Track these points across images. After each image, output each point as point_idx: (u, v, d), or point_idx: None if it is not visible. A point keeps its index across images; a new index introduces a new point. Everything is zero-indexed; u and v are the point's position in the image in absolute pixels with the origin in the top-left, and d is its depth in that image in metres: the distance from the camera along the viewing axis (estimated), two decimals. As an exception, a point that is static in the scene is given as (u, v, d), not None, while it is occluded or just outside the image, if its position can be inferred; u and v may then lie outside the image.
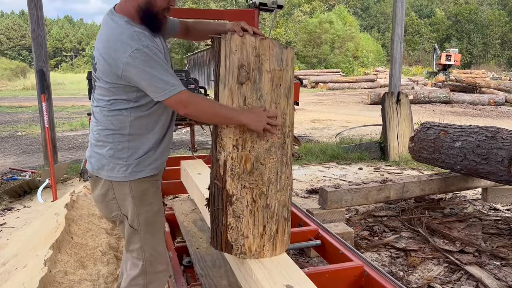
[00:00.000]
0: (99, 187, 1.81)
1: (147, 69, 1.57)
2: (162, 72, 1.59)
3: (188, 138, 4.97)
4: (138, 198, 1.79)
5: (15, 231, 3.75)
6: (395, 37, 6.58)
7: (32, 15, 5.08)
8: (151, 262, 1.86)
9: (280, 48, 1.64)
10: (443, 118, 11.08)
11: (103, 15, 1.76)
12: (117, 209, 1.81)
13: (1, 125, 10.92)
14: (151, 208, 1.84)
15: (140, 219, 1.81)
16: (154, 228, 1.87)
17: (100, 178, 1.79)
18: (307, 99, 18.31)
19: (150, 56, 1.58)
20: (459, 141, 3.89)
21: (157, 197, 1.88)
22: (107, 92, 1.69)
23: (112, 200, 1.80)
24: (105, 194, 1.80)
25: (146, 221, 1.82)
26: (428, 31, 50.87)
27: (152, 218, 1.85)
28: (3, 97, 20.00)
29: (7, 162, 6.66)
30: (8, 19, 67.67)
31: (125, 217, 1.82)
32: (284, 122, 1.71)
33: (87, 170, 1.88)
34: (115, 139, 1.74)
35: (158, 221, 1.90)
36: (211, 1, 35.21)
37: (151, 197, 1.84)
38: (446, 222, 3.80)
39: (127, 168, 1.75)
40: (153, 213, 1.85)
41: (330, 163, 6.48)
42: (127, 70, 1.58)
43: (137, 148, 1.76)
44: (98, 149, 1.78)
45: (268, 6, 3.79)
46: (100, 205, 1.87)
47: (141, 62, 1.57)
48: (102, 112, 1.73)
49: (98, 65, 1.68)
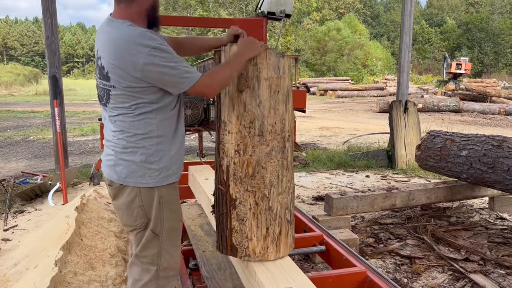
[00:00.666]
0: (125, 195, 1.81)
1: (168, 64, 1.63)
2: (181, 63, 1.65)
3: (196, 144, 5.04)
4: (166, 204, 1.81)
5: (27, 233, 3.83)
6: (403, 45, 6.62)
7: (46, 23, 5.22)
8: (165, 268, 1.87)
9: (277, 56, 1.72)
10: (452, 127, 11.04)
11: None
12: (143, 217, 1.81)
13: (14, 129, 11.12)
14: (176, 216, 1.88)
15: (165, 225, 1.83)
16: (175, 235, 1.91)
17: (126, 186, 1.79)
18: (316, 107, 18.34)
19: (166, 51, 1.64)
20: (465, 149, 3.91)
21: (179, 204, 1.94)
22: (127, 98, 1.70)
23: (139, 208, 1.80)
24: (131, 202, 1.80)
25: (170, 228, 1.85)
26: (438, 39, 50.73)
27: (175, 225, 1.89)
28: (16, 102, 20.33)
29: (20, 166, 6.78)
30: (22, 25, 68.85)
31: (149, 222, 1.82)
32: (284, 127, 1.77)
33: (97, 174, 1.93)
34: (146, 143, 1.76)
35: (179, 228, 1.95)
36: (221, 8, 35.52)
37: (176, 204, 1.89)
38: (452, 231, 3.80)
39: (160, 173, 1.78)
40: (177, 220, 1.90)
41: (337, 170, 6.51)
42: (148, 70, 1.62)
43: (167, 150, 1.80)
44: (127, 156, 1.77)
45: (276, 15, 3.85)
46: (124, 213, 1.86)
47: (161, 59, 1.62)
48: (127, 119, 1.74)
49: (111, 74, 1.69)
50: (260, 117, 1.71)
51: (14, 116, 14.19)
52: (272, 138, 1.74)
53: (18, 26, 67.89)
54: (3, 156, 7.70)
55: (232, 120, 1.74)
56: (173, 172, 1.84)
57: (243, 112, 1.72)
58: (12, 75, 31.88)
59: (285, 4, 3.76)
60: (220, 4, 36.27)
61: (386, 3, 62.87)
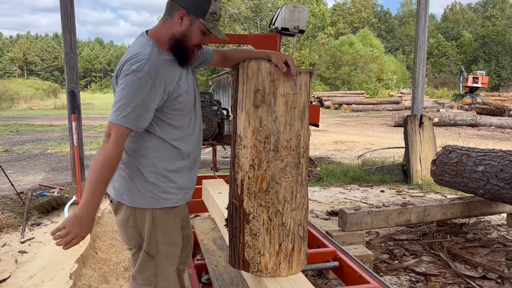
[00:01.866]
0: (121, 213, 1.82)
1: (126, 88, 1.60)
2: (132, 101, 1.59)
3: (210, 158, 5.07)
4: (159, 227, 1.80)
5: (43, 246, 3.88)
6: (418, 60, 6.61)
7: (66, 39, 5.35)
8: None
9: None
10: (469, 141, 10.90)
11: (132, 37, 1.87)
12: (137, 237, 1.81)
13: (32, 142, 11.34)
14: (170, 240, 1.85)
15: (159, 248, 1.81)
16: (171, 259, 1.88)
17: (122, 203, 1.81)
18: (330, 121, 18.31)
19: (139, 79, 1.60)
20: (481, 165, 3.86)
21: (176, 228, 1.89)
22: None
23: (133, 227, 1.81)
24: (126, 220, 1.81)
25: (165, 251, 1.83)
26: (455, 53, 50.38)
27: (171, 249, 1.86)
28: (35, 116, 20.76)
29: (37, 179, 6.91)
30: (42, 41, 70.60)
31: (143, 242, 1.81)
32: (299, 143, 1.78)
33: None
34: (142, 163, 1.77)
35: (175, 252, 1.91)
36: (236, 24, 35.95)
37: (171, 227, 1.86)
38: (469, 247, 3.74)
39: (153, 195, 1.78)
40: (173, 244, 1.87)
41: (352, 185, 6.46)
42: (119, 83, 1.63)
43: (163, 173, 1.78)
44: (124, 173, 1.78)
45: (290, 31, 3.90)
46: (121, 230, 1.87)
47: (129, 81, 1.60)
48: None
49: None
50: (276, 133, 1.73)
51: (33, 130, 14.48)
52: (287, 153, 1.75)
53: (39, 41, 69.64)
54: (22, 169, 7.85)
55: (247, 135, 1.76)
56: (169, 197, 1.82)
57: (259, 127, 1.74)
58: (31, 90, 32.62)
59: (299, 20, 3.81)
60: (235, 19, 36.73)
61: (401, 17, 62.86)
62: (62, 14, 5.28)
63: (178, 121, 1.80)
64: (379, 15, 58.82)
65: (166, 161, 1.80)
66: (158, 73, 1.65)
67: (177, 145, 1.80)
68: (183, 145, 1.83)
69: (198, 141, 1.93)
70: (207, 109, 3.69)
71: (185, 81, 1.81)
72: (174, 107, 1.76)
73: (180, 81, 1.77)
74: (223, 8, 34.49)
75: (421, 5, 6.56)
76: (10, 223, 4.45)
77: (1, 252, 3.75)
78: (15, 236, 4.16)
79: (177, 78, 1.76)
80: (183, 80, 1.79)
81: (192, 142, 1.88)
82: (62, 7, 5.27)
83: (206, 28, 1.73)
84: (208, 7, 1.71)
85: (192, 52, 1.79)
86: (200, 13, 1.71)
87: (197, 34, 1.74)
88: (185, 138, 1.84)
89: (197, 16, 1.71)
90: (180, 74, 1.78)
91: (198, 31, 1.73)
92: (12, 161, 8.70)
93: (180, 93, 1.76)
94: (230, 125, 3.76)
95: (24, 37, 71.28)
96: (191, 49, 1.77)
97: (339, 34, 44.05)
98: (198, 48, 1.81)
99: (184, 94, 1.79)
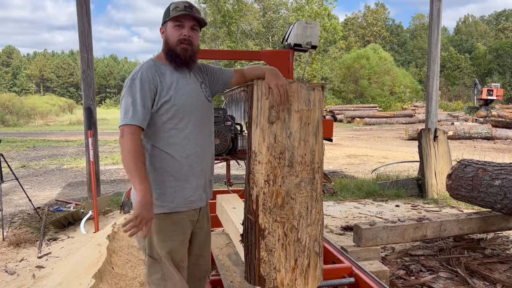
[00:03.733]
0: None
1: (126, 96, 1.83)
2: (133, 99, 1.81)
3: (224, 172, 5.10)
4: (156, 233, 1.90)
5: (59, 261, 3.93)
6: (431, 74, 6.60)
7: (82, 57, 5.48)
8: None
9: (307, 90, 1.76)
10: (484, 155, 10.75)
11: (145, 54, 2.07)
12: (142, 241, 1.96)
13: (49, 158, 11.52)
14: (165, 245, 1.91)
15: (161, 252, 1.91)
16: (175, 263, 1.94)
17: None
18: (343, 134, 18.25)
19: (134, 83, 1.83)
20: (498, 179, 3.81)
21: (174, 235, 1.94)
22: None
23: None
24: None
25: (166, 256, 1.91)
26: (468, 65, 50.03)
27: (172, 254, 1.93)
28: (51, 131, 21.11)
29: (53, 194, 7.00)
30: (58, 58, 72.08)
31: (146, 246, 1.94)
32: (313, 158, 1.80)
33: (128, 203, 2.03)
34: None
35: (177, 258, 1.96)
36: (248, 40, 36.31)
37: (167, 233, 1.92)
38: (487, 263, 3.67)
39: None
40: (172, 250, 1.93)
41: (366, 199, 6.41)
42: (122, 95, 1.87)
43: (158, 182, 1.89)
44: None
45: (302, 46, 3.94)
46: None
47: (127, 89, 1.85)
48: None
49: None
50: (290, 148, 1.75)
51: (49, 145, 14.72)
52: (301, 169, 1.76)
53: (55, 59, 71.09)
54: (39, 184, 7.97)
55: (262, 151, 1.78)
56: (162, 204, 1.90)
57: (274, 143, 1.76)
58: (48, 106, 33.24)
59: (311, 36, 3.85)
60: (247, 35, 37.10)
61: (412, 31, 62.79)
62: (80, 33, 5.42)
63: (170, 125, 1.89)
64: (390, 28, 58.84)
65: (158, 167, 1.90)
66: (150, 76, 1.85)
67: (168, 151, 1.89)
68: (175, 152, 1.90)
69: (198, 149, 1.96)
70: (221, 124, 3.73)
71: (183, 87, 1.92)
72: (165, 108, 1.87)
73: (175, 86, 1.90)
74: (235, 24, 35.01)
75: (433, 19, 6.57)
76: (28, 238, 4.51)
77: (19, 267, 3.81)
78: (33, 251, 4.21)
79: (171, 83, 1.90)
80: (179, 86, 1.91)
81: (188, 149, 1.93)
82: (80, 26, 5.41)
83: (174, 20, 1.91)
84: (168, 8, 1.95)
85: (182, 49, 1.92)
86: (166, 17, 1.95)
87: (172, 31, 1.93)
88: (178, 144, 1.91)
89: (167, 21, 1.94)
90: (176, 80, 1.91)
91: (172, 29, 1.93)
92: (29, 176, 8.84)
93: (172, 96, 1.88)
94: (243, 140, 3.79)
95: (41, 55, 72.88)
96: (177, 49, 1.92)
97: (350, 48, 44.13)
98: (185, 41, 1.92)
99: (178, 99, 1.89)
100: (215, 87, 2.16)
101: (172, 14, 1.91)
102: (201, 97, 2.01)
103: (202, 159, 1.99)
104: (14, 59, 71.29)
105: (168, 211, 1.92)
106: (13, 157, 11.59)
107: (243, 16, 36.08)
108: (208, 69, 2.15)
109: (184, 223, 1.98)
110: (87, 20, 5.43)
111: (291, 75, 4.06)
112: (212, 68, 2.16)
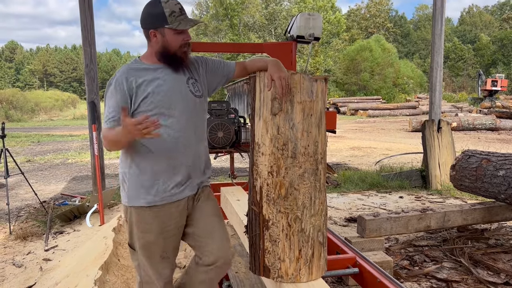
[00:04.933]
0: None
1: (105, 101, 1.91)
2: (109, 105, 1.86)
3: (228, 165, 5.11)
4: (135, 224, 1.94)
5: (66, 253, 3.97)
6: (434, 65, 6.57)
7: (86, 52, 5.49)
8: (147, 282, 2.02)
9: (310, 81, 1.77)
10: (488, 145, 10.73)
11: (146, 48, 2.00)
12: (127, 230, 2.04)
13: (53, 153, 11.58)
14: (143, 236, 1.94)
15: (138, 243, 1.96)
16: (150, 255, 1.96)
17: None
18: (347, 126, 18.22)
19: (110, 89, 1.88)
20: (502, 169, 3.81)
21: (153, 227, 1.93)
22: None
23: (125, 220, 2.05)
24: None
25: (143, 246, 1.95)
26: (472, 56, 49.70)
27: (148, 246, 1.95)
28: (55, 126, 21.20)
29: (59, 188, 7.05)
30: (61, 53, 72.05)
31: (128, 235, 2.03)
32: (316, 149, 1.81)
33: None
34: (124, 164, 1.97)
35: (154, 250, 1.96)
36: (250, 32, 36.18)
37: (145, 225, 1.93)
38: (491, 253, 3.68)
39: (127, 194, 1.95)
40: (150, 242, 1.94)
41: (370, 191, 6.42)
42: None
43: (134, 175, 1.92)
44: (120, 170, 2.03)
45: (305, 38, 3.92)
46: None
47: (105, 95, 1.91)
48: None
49: None
50: (293, 140, 1.76)
51: (53, 140, 14.79)
52: (305, 160, 1.77)
53: (58, 54, 71.07)
54: (44, 178, 8.03)
55: (266, 142, 1.79)
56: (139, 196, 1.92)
57: (277, 134, 1.77)
58: (51, 101, 33.34)
59: (314, 28, 3.83)
60: (250, 28, 36.98)
61: (416, 22, 62.34)
62: (82, 27, 5.43)
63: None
64: (394, 19, 58.42)
65: (137, 161, 1.92)
66: (124, 80, 1.85)
67: (147, 145, 1.88)
68: (154, 146, 1.88)
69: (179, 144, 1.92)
70: (225, 117, 3.74)
71: (163, 83, 1.90)
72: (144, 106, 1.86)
73: (156, 83, 1.88)
74: (238, 16, 34.85)
75: (437, 9, 6.52)
76: (34, 232, 4.56)
77: (26, 260, 3.85)
78: (39, 244, 4.26)
79: (151, 80, 1.88)
80: (159, 83, 1.89)
81: (167, 144, 1.89)
82: (83, 20, 5.41)
83: (175, 29, 1.87)
84: (161, 11, 1.85)
85: (183, 53, 1.93)
86: (161, 22, 1.86)
87: (173, 38, 1.88)
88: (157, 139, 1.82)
89: (162, 26, 1.86)
90: (157, 78, 1.89)
91: (172, 36, 1.88)
92: (34, 170, 8.90)
93: (149, 93, 1.86)
94: (247, 132, 3.80)
95: (44, 50, 72.87)
96: (178, 51, 1.91)
97: (353, 40, 43.89)
98: (186, 46, 1.93)
99: (155, 96, 1.86)
100: (214, 80, 2.12)
101: (172, 21, 1.85)
102: (185, 93, 1.95)
103: (183, 154, 1.94)
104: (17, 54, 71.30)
105: (146, 204, 1.91)
106: (18, 152, 11.66)
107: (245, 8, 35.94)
108: (203, 61, 2.10)
109: (166, 215, 1.95)
110: (89, 14, 5.43)
111: (294, 67, 4.05)
112: (210, 60, 2.12)
